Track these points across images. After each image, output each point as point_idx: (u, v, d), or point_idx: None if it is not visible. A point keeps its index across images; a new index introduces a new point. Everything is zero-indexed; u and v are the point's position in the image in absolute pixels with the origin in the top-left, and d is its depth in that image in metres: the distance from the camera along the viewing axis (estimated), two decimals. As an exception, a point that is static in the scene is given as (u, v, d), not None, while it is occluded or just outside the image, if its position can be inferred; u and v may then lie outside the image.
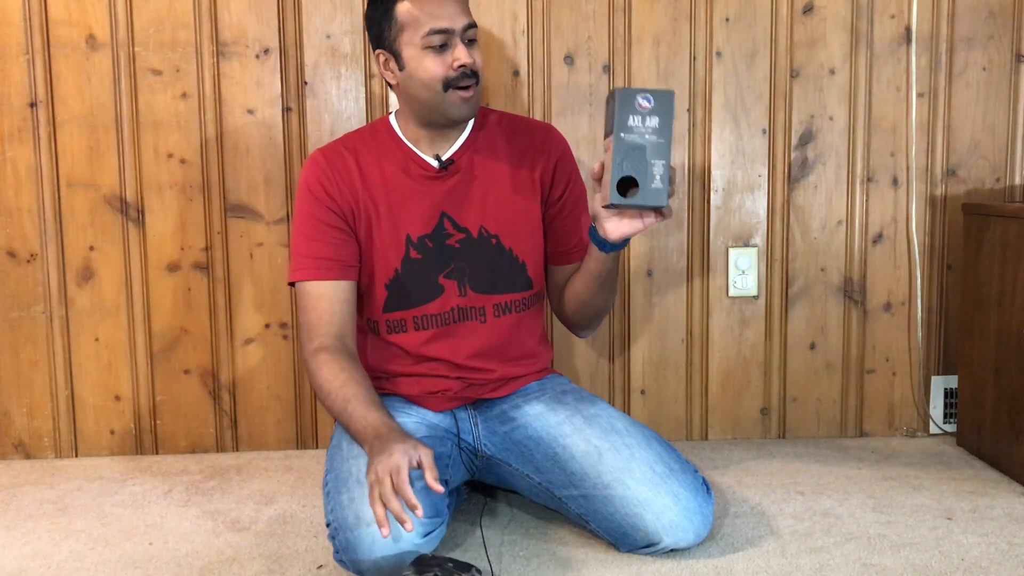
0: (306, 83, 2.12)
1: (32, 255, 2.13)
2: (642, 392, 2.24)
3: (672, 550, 1.58)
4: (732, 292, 2.20)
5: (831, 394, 2.25)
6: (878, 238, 2.20)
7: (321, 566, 1.57)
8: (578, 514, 1.63)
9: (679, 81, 2.14)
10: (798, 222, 2.19)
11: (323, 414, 2.20)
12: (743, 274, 2.19)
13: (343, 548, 1.47)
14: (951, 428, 2.24)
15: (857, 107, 2.16)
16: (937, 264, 2.21)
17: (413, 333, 1.73)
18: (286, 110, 2.13)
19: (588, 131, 2.14)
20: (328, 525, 1.52)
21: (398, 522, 1.39)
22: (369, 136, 1.75)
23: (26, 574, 1.57)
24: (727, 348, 2.23)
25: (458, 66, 1.61)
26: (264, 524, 1.77)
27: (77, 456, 2.20)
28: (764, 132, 2.16)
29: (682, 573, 1.52)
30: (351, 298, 1.70)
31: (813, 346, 2.23)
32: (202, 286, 2.16)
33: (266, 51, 2.11)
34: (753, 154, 2.17)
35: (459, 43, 1.61)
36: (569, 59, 2.13)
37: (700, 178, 2.17)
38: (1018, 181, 2.19)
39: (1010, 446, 1.95)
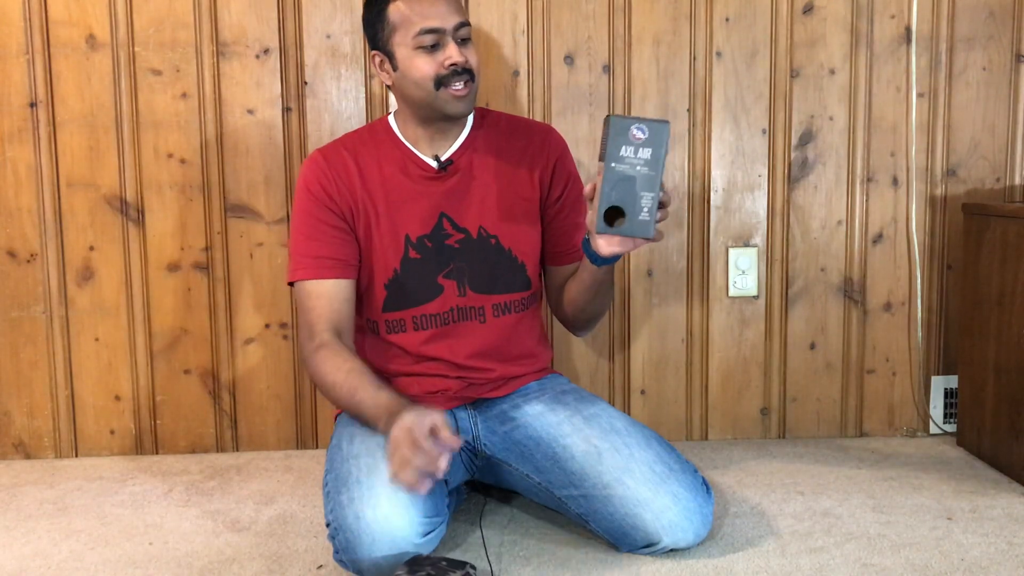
0: (306, 83, 2.12)
1: (32, 255, 2.13)
2: (642, 392, 2.24)
3: (672, 550, 1.58)
4: (732, 292, 2.20)
5: (831, 394, 2.25)
6: (878, 238, 2.20)
7: (321, 566, 1.57)
8: (578, 514, 1.63)
9: (679, 81, 2.14)
10: (798, 222, 2.19)
11: (323, 414, 2.20)
12: (743, 274, 2.19)
13: (343, 548, 1.47)
14: (951, 428, 2.24)
15: (857, 107, 2.16)
16: (937, 264, 2.21)
17: (412, 333, 1.73)
18: (286, 110, 2.13)
19: (588, 131, 2.14)
20: (328, 525, 1.52)
21: (415, 484, 1.37)
22: (368, 136, 1.75)
23: (26, 574, 1.57)
24: (727, 348, 2.23)
25: (449, 64, 1.61)
26: (264, 524, 1.77)
27: (77, 456, 2.20)
28: (764, 132, 2.16)
29: (682, 573, 1.52)
30: (351, 297, 1.70)
31: (813, 346, 2.23)
32: (202, 286, 2.16)
33: (266, 51, 2.11)
34: (753, 154, 2.17)
35: (451, 42, 1.61)
36: (569, 59, 2.13)
37: (700, 178, 2.17)
38: (1018, 181, 2.19)
39: (1010, 446, 1.95)
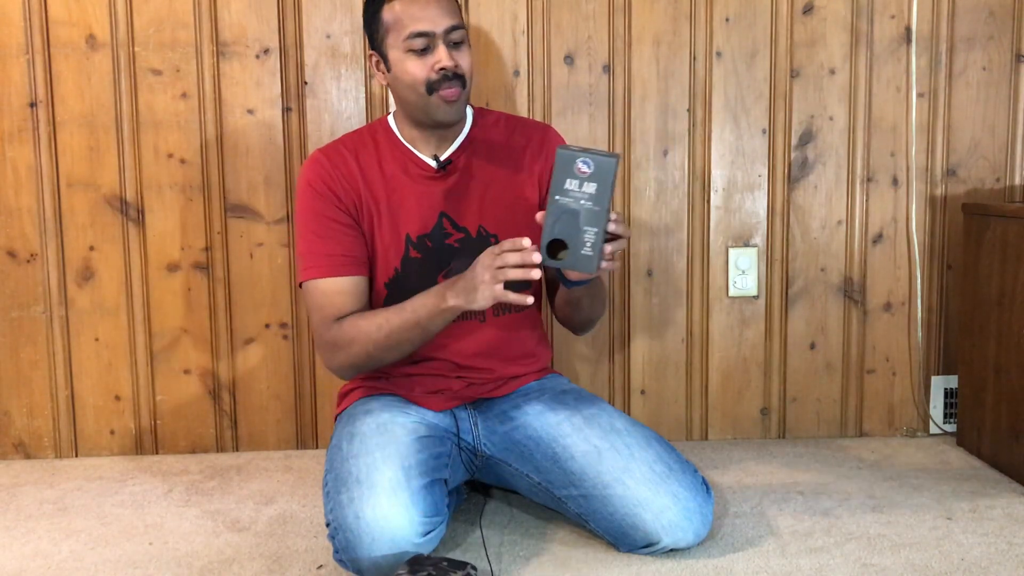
0: (306, 83, 2.12)
1: (32, 255, 2.13)
2: (642, 392, 2.23)
3: (672, 550, 1.58)
4: (732, 292, 2.20)
5: (831, 394, 2.25)
6: (878, 238, 2.20)
7: (321, 566, 1.57)
8: (578, 514, 1.63)
9: (679, 81, 2.14)
10: (798, 222, 2.19)
11: (323, 414, 2.20)
12: (743, 274, 2.19)
13: (343, 548, 1.47)
14: (951, 428, 2.24)
15: (857, 107, 2.16)
16: (937, 264, 2.21)
17: (413, 332, 1.73)
18: (286, 110, 2.13)
19: (588, 131, 2.14)
20: (328, 525, 1.52)
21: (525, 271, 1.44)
22: (368, 136, 1.75)
23: (26, 574, 1.57)
24: (727, 348, 2.23)
25: (439, 68, 1.60)
26: (264, 524, 1.77)
27: (77, 456, 2.20)
28: (764, 132, 2.16)
29: (682, 573, 1.52)
30: (367, 292, 1.70)
31: (813, 346, 2.23)
32: (202, 286, 2.16)
33: (266, 51, 2.11)
34: (753, 154, 2.17)
35: (441, 45, 1.60)
36: (569, 59, 2.13)
37: (700, 178, 2.17)
38: (1018, 181, 2.19)
39: (1010, 446, 1.95)
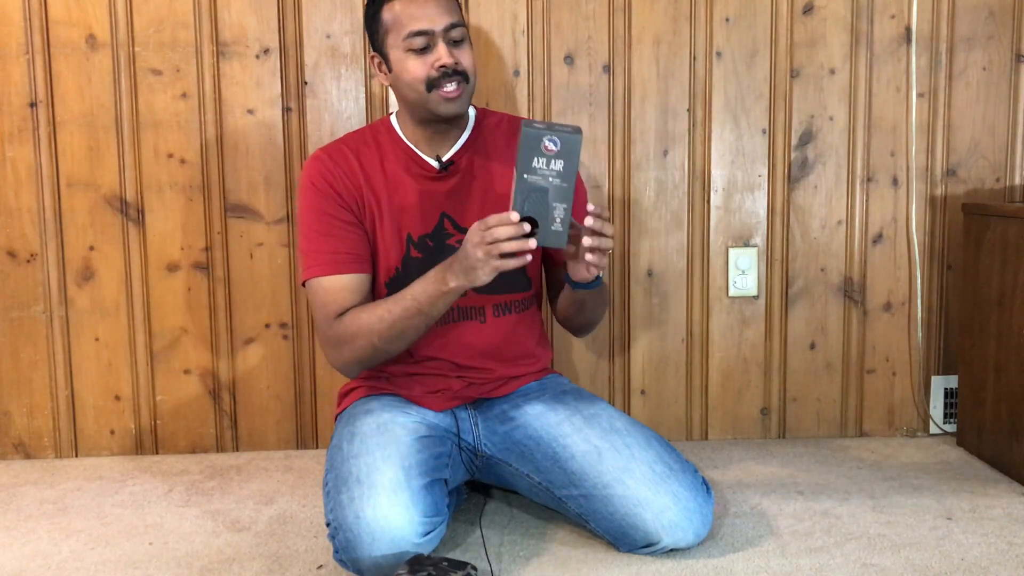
0: (306, 83, 2.12)
1: (32, 255, 2.13)
2: (642, 392, 2.23)
3: (672, 550, 1.58)
4: (732, 292, 2.20)
5: (831, 394, 2.25)
6: (878, 238, 2.20)
7: (321, 566, 1.57)
8: (578, 514, 1.63)
9: (679, 81, 2.14)
10: (798, 222, 2.19)
11: (323, 414, 2.20)
12: (743, 274, 2.19)
13: (343, 547, 1.47)
14: (951, 428, 2.24)
15: (857, 107, 2.16)
16: (937, 264, 2.21)
17: (414, 332, 1.73)
18: (286, 110, 2.13)
19: (588, 131, 2.14)
20: (328, 525, 1.52)
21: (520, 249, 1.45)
22: (370, 136, 1.75)
23: (26, 574, 1.57)
24: (727, 348, 2.23)
25: (439, 66, 1.60)
26: (264, 524, 1.77)
27: (77, 456, 2.20)
28: (764, 132, 2.16)
29: (682, 573, 1.52)
30: (369, 289, 1.70)
31: (813, 346, 2.23)
32: (202, 286, 2.16)
33: (266, 51, 2.11)
34: (753, 154, 2.17)
35: (440, 43, 1.61)
36: (569, 59, 2.13)
37: (700, 178, 2.17)
38: (1018, 181, 2.19)
39: (1010, 446, 1.95)
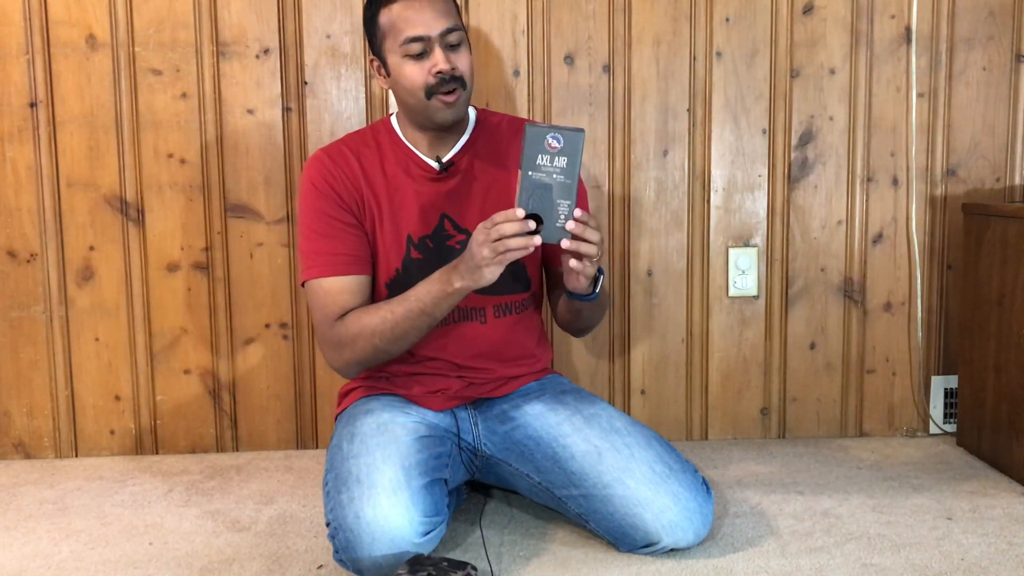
0: (306, 83, 2.12)
1: (32, 255, 2.13)
2: (642, 392, 2.23)
3: (672, 550, 1.58)
4: (732, 292, 2.20)
5: (831, 394, 2.25)
6: (878, 238, 2.20)
7: (321, 566, 1.57)
8: (578, 514, 1.63)
9: (679, 81, 2.14)
10: (798, 222, 2.19)
11: (323, 414, 2.20)
12: (743, 274, 2.19)
13: (343, 547, 1.47)
14: (951, 428, 2.24)
15: (857, 107, 2.16)
16: (937, 264, 2.21)
17: (413, 333, 1.73)
18: (286, 110, 2.13)
19: (588, 131, 2.14)
20: (328, 525, 1.52)
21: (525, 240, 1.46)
22: (370, 137, 1.75)
23: (26, 574, 1.57)
24: (727, 348, 2.23)
25: (436, 72, 1.60)
26: (264, 524, 1.77)
27: (77, 456, 2.20)
28: (764, 132, 2.16)
29: (682, 573, 1.52)
30: (369, 291, 1.71)
31: (813, 346, 2.23)
32: (202, 286, 2.16)
33: (266, 51, 2.11)
34: (753, 154, 2.17)
35: (437, 49, 1.60)
36: (569, 59, 2.13)
37: (700, 178, 2.17)
38: (1018, 181, 2.19)
39: (1010, 446, 1.95)
